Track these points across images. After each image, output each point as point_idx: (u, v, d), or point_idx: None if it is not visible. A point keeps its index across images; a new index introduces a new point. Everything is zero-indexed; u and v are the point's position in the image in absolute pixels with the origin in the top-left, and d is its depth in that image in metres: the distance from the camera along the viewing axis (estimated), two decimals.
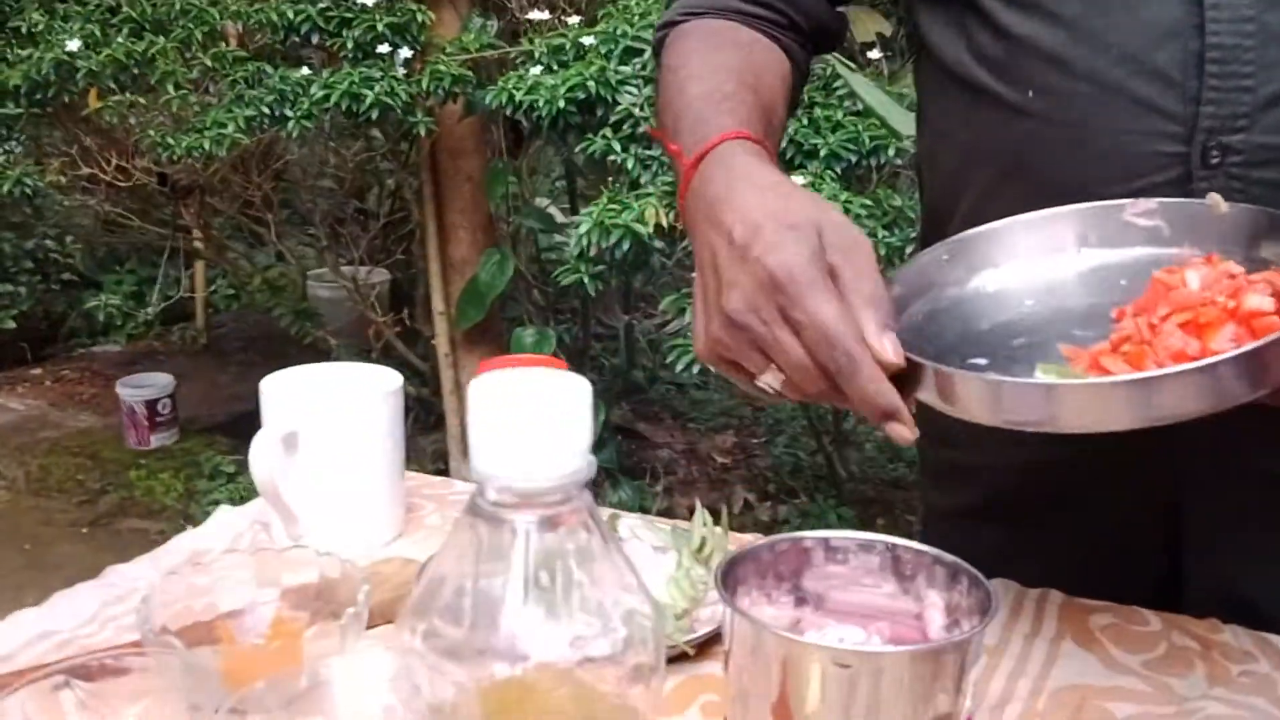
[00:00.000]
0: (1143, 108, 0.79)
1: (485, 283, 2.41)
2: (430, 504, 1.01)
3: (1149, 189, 0.79)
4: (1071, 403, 0.61)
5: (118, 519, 3.30)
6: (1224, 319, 0.62)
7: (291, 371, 0.97)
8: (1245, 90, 0.76)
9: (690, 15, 0.94)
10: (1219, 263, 0.67)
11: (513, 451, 0.36)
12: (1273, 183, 0.76)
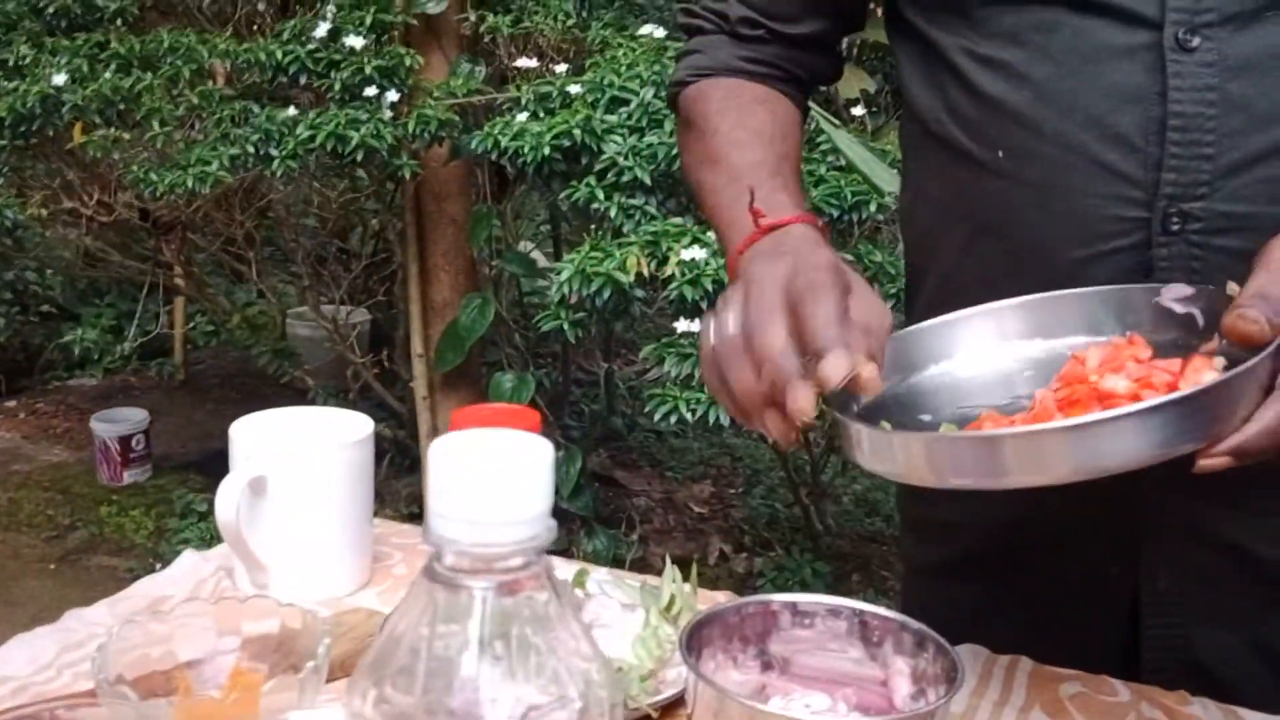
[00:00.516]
0: (1106, 172, 0.80)
1: (465, 326, 2.41)
2: (398, 553, 1.00)
3: (1111, 252, 0.80)
4: (1005, 452, 0.61)
5: (86, 555, 3.26)
6: (1091, 398, 0.63)
7: (263, 415, 0.96)
8: (1206, 158, 0.77)
9: (699, 75, 0.97)
10: (1138, 344, 0.68)
11: (470, 516, 0.35)
12: (1232, 250, 0.77)
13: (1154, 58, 0.77)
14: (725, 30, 0.97)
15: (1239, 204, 0.77)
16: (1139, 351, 0.67)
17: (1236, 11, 0.76)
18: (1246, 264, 0.74)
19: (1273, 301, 0.64)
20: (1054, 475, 0.60)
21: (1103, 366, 0.66)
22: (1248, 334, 0.64)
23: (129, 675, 0.73)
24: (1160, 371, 0.65)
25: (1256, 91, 0.76)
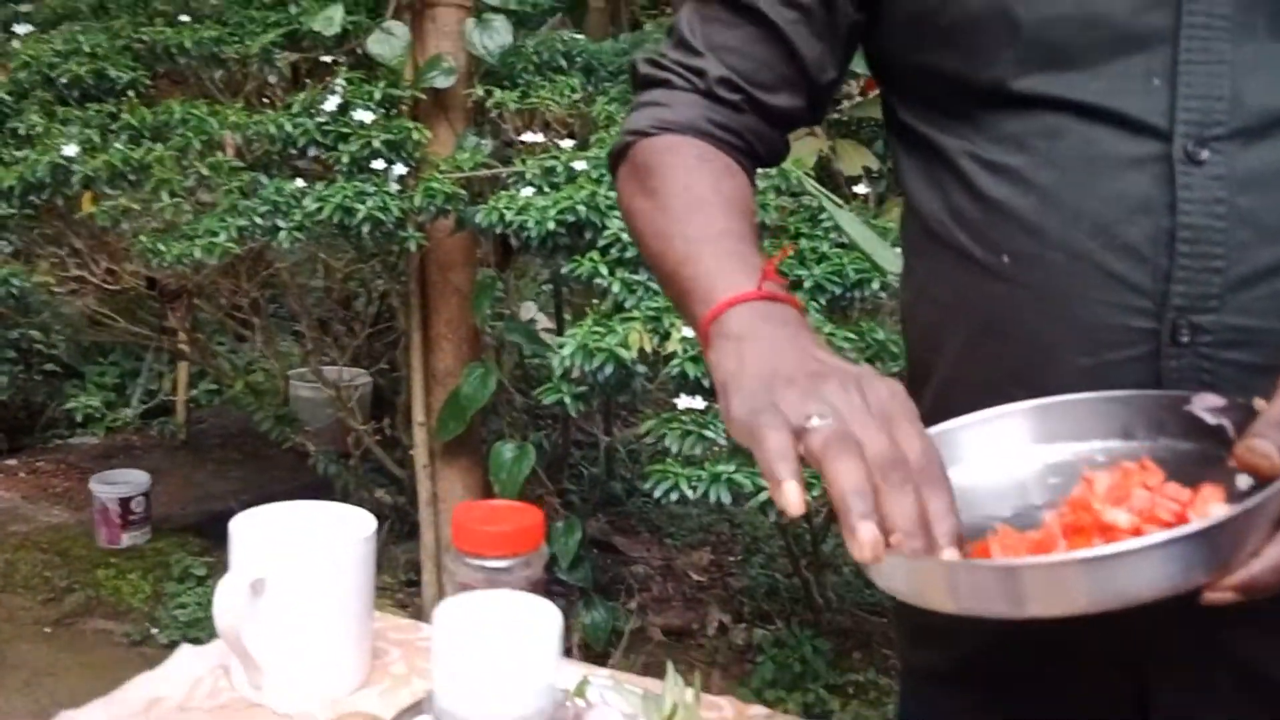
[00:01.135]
0: (1114, 281, 0.79)
1: (467, 396, 2.41)
2: (396, 649, 1.00)
3: (1119, 362, 0.79)
4: (1024, 583, 0.61)
5: (83, 619, 3.24)
6: (1094, 529, 0.63)
7: (263, 510, 0.96)
8: (1215, 271, 0.76)
9: (662, 129, 0.93)
10: (1149, 470, 0.68)
11: (477, 693, 0.35)
12: (1242, 364, 0.77)
13: (1163, 169, 0.77)
14: (699, 89, 0.94)
15: (1249, 318, 0.76)
16: (1149, 478, 0.67)
17: (1245, 126, 0.76)
18: (1255, 377, 0.74)
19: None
20: (1063, 607, 0.60)
21: (1109, 493, 0.66)
22: (1257, 467, 0.63)
23: None
24: (1168, 501, 0.65)
25: (1266, 205, 0.76)
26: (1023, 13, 0.80)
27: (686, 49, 0.94)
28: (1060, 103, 0.80)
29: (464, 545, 0.91)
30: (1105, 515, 0.63)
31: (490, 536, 0.90)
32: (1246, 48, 0.77)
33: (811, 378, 0.69)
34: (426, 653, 0.99)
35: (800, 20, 0.91)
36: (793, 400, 0.68)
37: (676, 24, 0.97)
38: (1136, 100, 0.78)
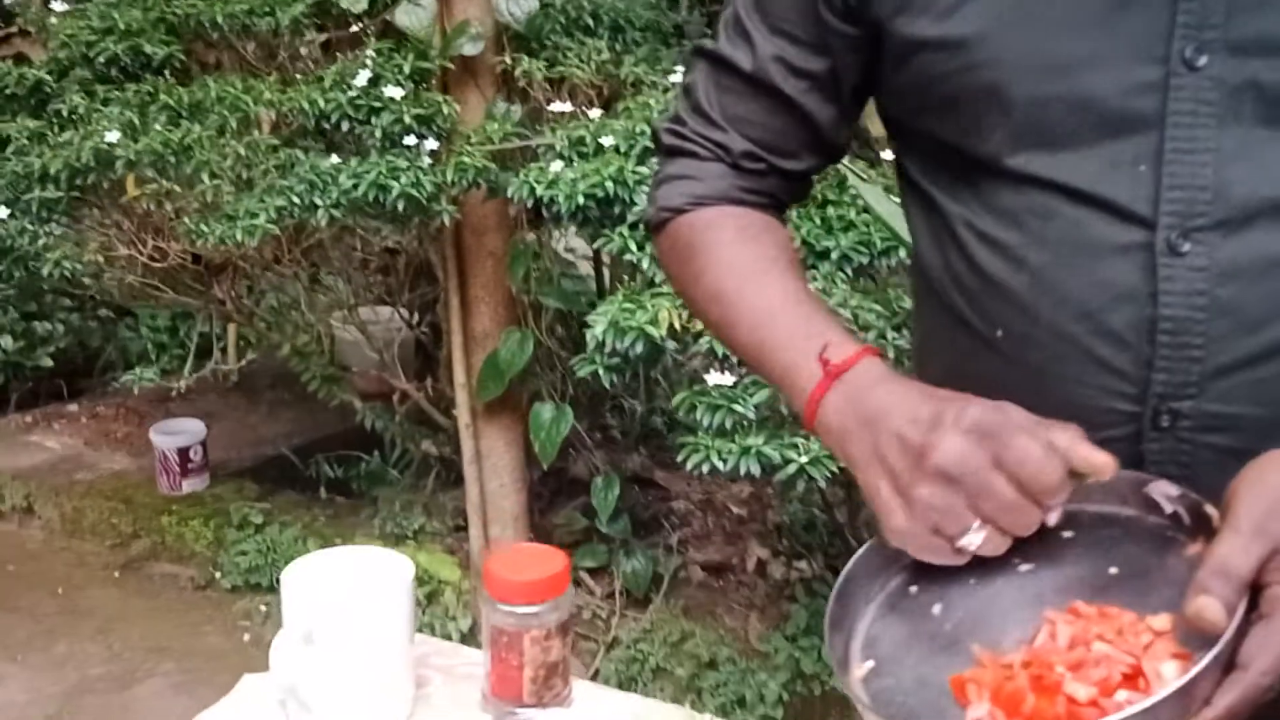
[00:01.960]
0: (1099, 365, 0.82)
1: (505, 359, 2.48)
2: (438, 675, 1.08)
3: (1103, 441, 0.83)
4: None
5: (149, 564, 3.39)
6: (1056, 689, 0.68)
7: (311, 559, 1.03)
8: (1195, 360, 0.79)
9: (696, 204, 0.98)
10: (1107, 618, 0.72)
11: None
12: (1218, 448, 0.80)
13: (1146, 258, 0.80)
14: (725, 161, 0.98)
15: (1227, 405, 0.79)
16: (1106, 627, 0.72)
17: (1227, 217, 0.78)
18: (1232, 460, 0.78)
19: (1233, 580, 0.67)
20: None
21: (1070, 649, 0.71)
22: (1209, 626, 0.67)
23: None
24: (1122, 657, 0.70)
25: (1245, 297, 0.78)
26: (1016, 92, 0.83)
27: (706, 120, 0.98)
28: (1051, 184, 0.83)
29: (496, 594, 0.99)
30: (1067, 686, 0.69)
31: (520, 586, 0.98)
32: (1232, 134, 0.78)
33: (918, 463, 0.76)
34: (467, 679, 1.07)
35: (811, 89, 0.95)
36: (926, 509, 0.76)
37: (691, 87, 1.00)
38: (1124, 187, 0.80)
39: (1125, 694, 0.69)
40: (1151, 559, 0.78)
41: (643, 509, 3.19)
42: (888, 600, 0.82)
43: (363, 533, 3.28)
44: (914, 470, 0.75)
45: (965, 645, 0.78)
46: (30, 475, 3.75)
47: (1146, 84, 0.79)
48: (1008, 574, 0.81)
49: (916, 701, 0.76)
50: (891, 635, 0.80)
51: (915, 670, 0.77)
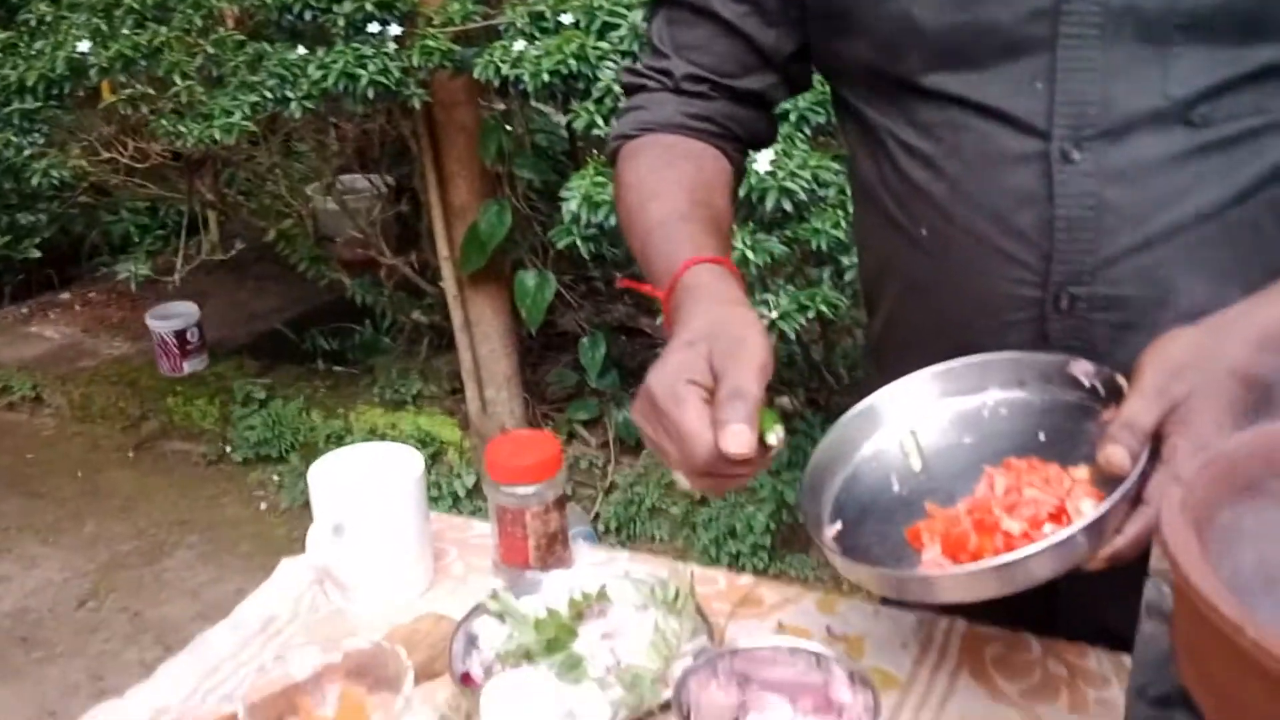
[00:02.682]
0: (1007, 259, 0.94)
1: (486, 232, 2.57)
2: (453, 548, 1.22)
3: (1014, 323, 0.96)
4: (934, 587, 0.81)
5: (160, 443, 3.55)
6: (995, 529, 0.82)
7: (332, 458, 1.16)
8: (1088, 252, 0.92)
9: (643, 130, 1.07)
10: (1035, 468, 0.86)
11: None
12: (1111, 324, 0.93)
13: (1043, 166, 0.91)
14: (669, 88, 1.06)
15: (1116, 288, 0.92)
16: (1035, 475, 0.85)
17: (1112, 127, 0.89)
18: (1121, 333, 0.91)
19: (1137, 432, 0.79)
20: (976, 597, 0.80)
21: (1005, 496, 0.85)
22: (1117, 470, 0.79)
23: (259, 699, 0.96)
24: (1048, 498, 0.83)
25: (1129, 197, 0.89)
26: (927, 20, 0.92)
27: (657, 54, 1.07)
28: (962, 100, 0.93)
29: (498, 477, 1.12)
30: (1003, 524, 0.82)
31: (518, 469, 1.11)
32: (1115, 53, 0.88)
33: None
34: (479, 549, 1.22)
35: (750, 13, 1.03)
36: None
37: (648, 33, 1.09)
38: (1023, 103, 0.91)
39: (1051, 528, 0.83)
40: (1073, 426, 0.91)
41: (630, 359, 3.32)
42: (853, 472, 0.96)
43: (363, 401, 3.43)
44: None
45: (919, 505, 0.92)
46: (35, 365, 3.87)
47: (1040, 10, 0.88)
48: (953, 446, 0.95)
49: (880, 551, 0.90)
50: (856, 501, 0.94)
51: (877, 528, 0.92)
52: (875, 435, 0.96)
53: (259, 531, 3.08)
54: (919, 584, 0.81)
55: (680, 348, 0.83)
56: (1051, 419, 0.92)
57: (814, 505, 0.94)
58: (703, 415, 0.80)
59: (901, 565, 0.86)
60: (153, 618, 2.77)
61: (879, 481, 0.95)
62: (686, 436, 0.80)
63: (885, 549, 0.90)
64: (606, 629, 1.03)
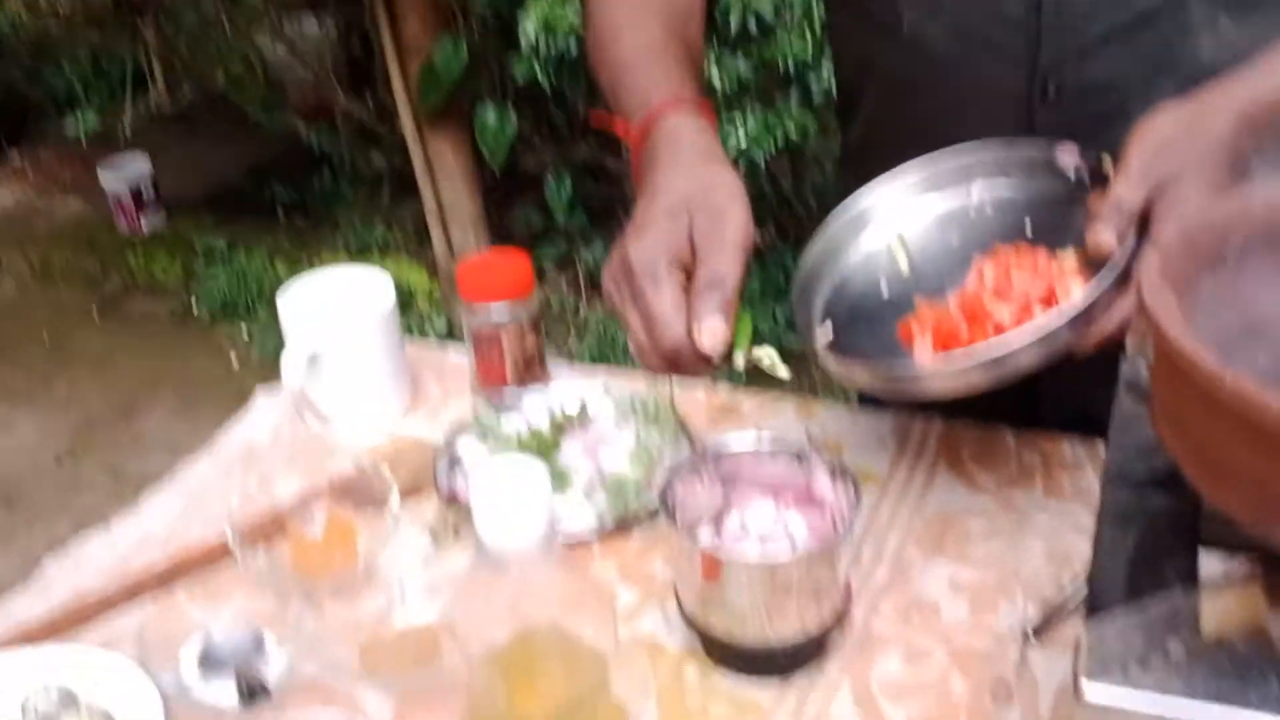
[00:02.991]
0: (993, 47, 0.93)
1: (441, 67, 2.50)
2: (431, 374, 1.21)
3: (999, 115, 0.94)
4: (927, 382, 0.81)
5: (125, 302, 3.50)
6: (985, 318, 0.81)
7: (300, 284, 1.14)
8: (1075, 31, 0.90)
9: None
10: (1022, 252, 0.85)
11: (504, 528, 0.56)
12: (1096, 114, 0.92)
13: None
14: None
15: (1103, 72, 0.90)
16: (1024, 260, 0.85)
17: None
18: (1104, 125, 0.89)
19: (1125, 213, 0.78)
20: (967, 389, 0.80)
21: (995, 285, 0.84)
22: (1105, 252, 0.79)
23: (245, 524, 0.97)
24: (1037, 284, 0.83)
25: None
26: None
27: None
28: None
29: (470, 298, 1.11)
30: (995, 314, 0.82)
31: (491, 289, 1.10)
32: None
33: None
34: (455, 374, 1.21)
35: None
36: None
37: None
38: None
39: (1040, 313, 0.83)
40: (1059, 213, 0.91)
41: (597, 198, 3.28)
42: (841, 277, 0.96)
43: (327, 250, 3.39)
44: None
45: (909, 304, 0.91)
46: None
47: None
48: (940, 241, 0.94)
49: (871, 350, 0.90)
50: (846, 304, 0.94)
51: (868, 329, 0.92)
52: (862, 238, 0.96)
53: (232, 386, 3.07)
54: (911, 377, 0.81)
55: (662, 217, 0.80)
56: (1037, 210, 0.91)
57: (804, 310, 0.94)
58: (678, 303, 0.78)
59: (895, 365, 0.87)
60: (132, 473, 2.78)
61: (868, 284, 0.95)
62: (657, 321, 0.78)
63: (876, 348, 0.90)
64: (588, 443, 1.03)
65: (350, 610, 0.88)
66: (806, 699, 0.81)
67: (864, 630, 0.86)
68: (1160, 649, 0.55)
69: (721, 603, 0.79)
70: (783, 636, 0.79)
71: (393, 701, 0.83)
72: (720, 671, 0.83)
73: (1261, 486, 0.52)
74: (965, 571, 0.90)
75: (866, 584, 0.90)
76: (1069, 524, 0.94)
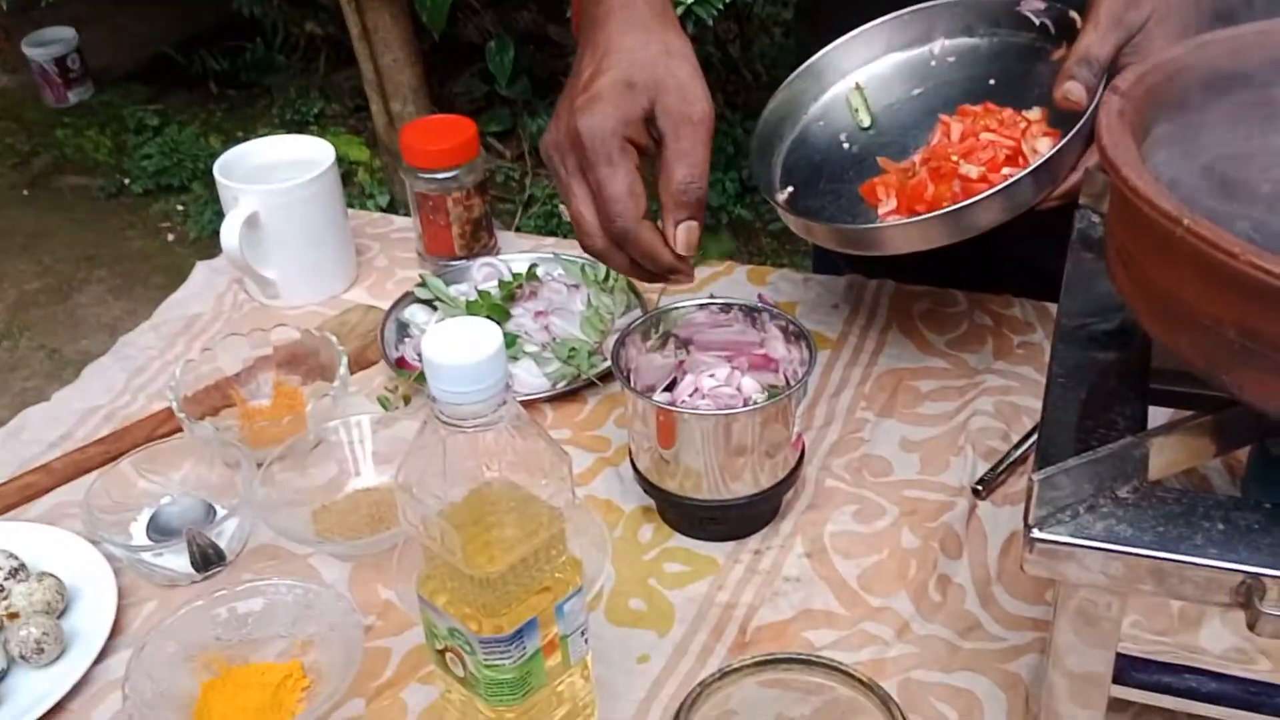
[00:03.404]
0: None
1: None
2: (375, 244, 1.19)
3: None
4: (882, 237, 0.80)
5: (55, 178, 3.39)
6: (953, 174, 0.80)
7: (237, 151, 1.11)
8: None
9: None
10: (990, 111, 0.83)
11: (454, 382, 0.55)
12: None
13: None
14: None
15: None
16: (991, 119, 0.83)
17: None
18: None
19: (1094, 65, 0.77)
20: (934, 244, 0.79)
21: (962, 140, 0.82)
22: (1074, 105, 0.77)
23: (191, 393, 0.95)
24: (1004, 140, 0.81)
25: None
26: None
27: None
28: None
29: (415, 162, 1.08)
30: (961, 169, 0.81)
31: (436, 154, 1.07)
32: None
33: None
34: (401, 244, 1.19)
35: None
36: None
37: None
38: None
39: (1009, 170, 0.83)
40: (1023, 67, 0.89)
41: (541, 67, 3.20)
42: (800, 133, 0.94)
43: (263, 123, 3.29)
44: (553, 121, 0.78)
45: (872, 161, 0.90)
46: None
47: None
48: (902, 100, 0.93)
49: (834, 210, 0.89)
50: (808, 162, 0.93)
51: (830, 187, 0.90)
52: (821, 95, 0.94)
53: (170, 263, 3.00)
54: (875, 236, 0.80)
55: (619, 87, 0.75)
56: (1001, 63, 0.90)
57: (764, 169, 0.93)
58: (633, 185, 0.75)
59: (858, 221, 0.86)
60: (71, 353, 2.73)
61: (828, 141, 0.93)
62: (610, 202, 0.75)
63: (840, 207, 0.89)
64: (539, 308, 1.02)
65: (302, 478, 0.87)
66: (761, 555, 0.81)
67: (816, 488, 0.87)
68: (1109, 494, 0.56)
69: (676, 463, 0.79)
70: (737, 494, 0.80)
71: (349, 565, 0.83)
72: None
73: (1215, 329, 0.52)
74: (916, 430, 0.91)
75: (819, 444, 0.91)
76: (1018, 383, 0.95)
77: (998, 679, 0.72)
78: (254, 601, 0.77)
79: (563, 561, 0.63)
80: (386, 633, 0.78)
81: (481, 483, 0.59)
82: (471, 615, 0.61)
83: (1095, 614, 0.57)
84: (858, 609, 0.77)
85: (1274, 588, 0.52)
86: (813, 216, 0.87)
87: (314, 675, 0.74)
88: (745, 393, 0.84)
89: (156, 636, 0.74)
